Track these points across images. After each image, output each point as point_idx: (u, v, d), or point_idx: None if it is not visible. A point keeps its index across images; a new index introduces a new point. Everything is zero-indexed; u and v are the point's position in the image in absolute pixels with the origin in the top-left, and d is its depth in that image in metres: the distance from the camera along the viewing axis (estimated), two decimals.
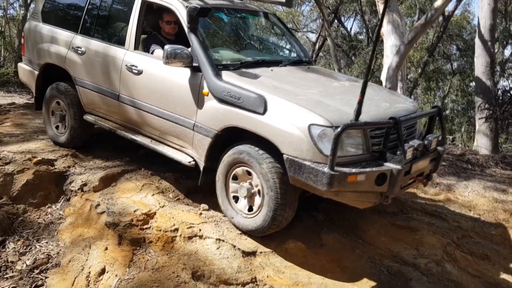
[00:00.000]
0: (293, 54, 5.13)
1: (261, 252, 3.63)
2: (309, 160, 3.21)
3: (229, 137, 3.76)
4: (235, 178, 3.73)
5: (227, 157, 3.71)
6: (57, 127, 5.29)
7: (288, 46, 5.35)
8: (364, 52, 18.79)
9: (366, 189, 3.25)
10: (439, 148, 3.83)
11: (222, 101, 3.67)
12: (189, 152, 4.03)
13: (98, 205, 3.89)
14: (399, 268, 3.63)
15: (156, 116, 4.19)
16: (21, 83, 10.52)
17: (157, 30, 4.67)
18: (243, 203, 3.73)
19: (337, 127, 3.11)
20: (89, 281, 3.32)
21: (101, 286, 3.25)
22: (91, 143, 5.37)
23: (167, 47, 3.73)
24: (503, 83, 15.40)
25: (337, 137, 3.02)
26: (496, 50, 15.59)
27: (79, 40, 4.90)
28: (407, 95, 12.37)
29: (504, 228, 4.65)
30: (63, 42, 5.04)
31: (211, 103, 3.76)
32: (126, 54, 4.43)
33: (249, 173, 3.61)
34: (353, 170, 3.13)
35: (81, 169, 4.68)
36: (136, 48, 4.43)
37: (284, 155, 3.32)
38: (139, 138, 4.41)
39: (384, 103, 3.97)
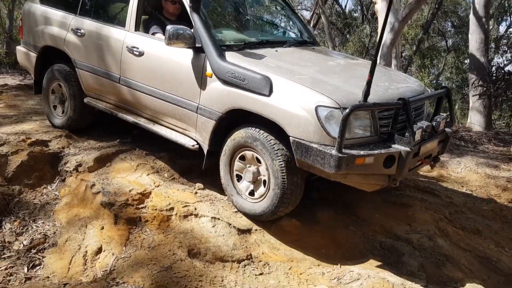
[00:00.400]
0: (297, 35, 5.04)
1: (256, 230, 3.67)
2: (316, 142, 3.15)
3: (233, 119, 3.69)
4: (242, 158, 3.66)
5: (232, 139, 3.64)
6: (56, 110, 5.24)
7: (291, 26, 5.27)
8: (358, 30, 18.66)
9: (374, 171, 3.20)
10: (447, 129, 3.78)
11: (226, 82, 3.59)
12: (193, 135, 3.97)
13: (94, 185, 3.91)
14: (392, 243, 3.69)
15: (158, 98, 4.11)
16: (13, 64, 10.43)
17: (159, 10, 4.55)
18: (245, 185, 3.69)
19: (344, 108, 3.06)
20: (86, 259, 3.36)
21: (98, 264, 3.29)
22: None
23: (169, 27, 3.64)
24: (498, 59, 15.39)
25: (345, 118, 2.96)
26: (491, 27, 15.53)
27: (78, 21, 4.80)
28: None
29: (496, 203, 4.72)
30: (62, 24, 4.94)
31: (215, 84, 3.68)
32: (126, 36, 4.34)
33: (259, 160, 3.53)
34: (361, 153, 3.08)
35: (76, 150, 4.68)
36: (137, 29, 4.35)
37: (290, 138, 3.25)
38: (141, 121, 4.34)
39: (392, 83, 3.91)
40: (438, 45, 19.67)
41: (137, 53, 4.20)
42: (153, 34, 4.28)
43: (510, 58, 12.37)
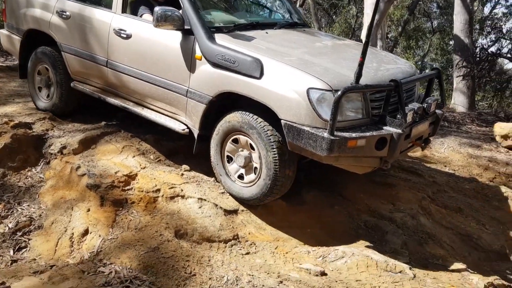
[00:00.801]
0: (287, 16, 4.96)
1: (242, 210, 3.71)
2: (308, 125, 3.12)
3: (224, 102, 3.65)
4: (235, 141, 3.61)
5: (227, 121, 3.58)
6: (42, 93, 5.12)
7: (281, 8, 5.20)
8: (345, 10, 18.59)
9: (366, 154, 3.20)
10: (438, 111, 3.78)
11: (216, 65, 3.53)
12: (183, 120, 3.90)
13: (79, 167, 3.88)
14: (376, 222, 3.76)
15: (147, 82, 4.03)
16: None
17: None
18: (235, 167, 3.66)
19: (336, 90, 3.04)
20: (73, 241, 3.37)
21: (84, 246, 3.30)
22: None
23: (157, 8, 3.55)
24: (482, 41, 15.50)
25: (337, 101, 2.93)
26: (475, 8, 15.60)
27: (63, 3, 4.67)
28: None
29: (478, 182, 4.82)
30: (46, 6, 4.79)
31: (204, 67, 3.61)
32: (113, 18, 4.24)
33: (252, 147, 3.49)
34: (353, 135, 3.08)
35: (60, 132, 4.63)
36: (124, 11, 4.24)
37: (282, 121, 3.22)
38: (130, 106, 4.27)
39: (382, 65, 3.89)
40: (424, 26, 19.73)
41: (125, 36, 4.11)
42: (142, 15, 4.18)
43: (493, 39, 12.47)
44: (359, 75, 3.05)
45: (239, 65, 3.39)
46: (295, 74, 3.23)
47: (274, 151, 3.33)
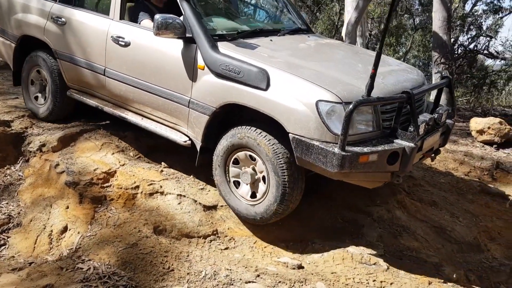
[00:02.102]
0: (290, 22, 4.78)
1: (222, 206, 3.75)
2: (317, 139, 2.98)
3: (228, 114, 3.53)
4: (236, 162, 3.47)
5: (225, 141, 3.44)
6: (36, 98, 4.93)
7: (284, 13, 5.03)
8: (328, 8, 18.69)
9: (377, 169, 3.06)
10: (449, 121, 3.66)
11: (219, 75, 3.38)
12: (184, 131, 3.76)
13: (58, 165, 3.89)
14: (353, 216, 3.84)
15: (146, 92, 3.88)
16: None
17: None
18: (245, 189, 3.49)
19: (346, 103, 2.93)
20: (52, 239, 3.39)
21: (63, 243, 3.32)
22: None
23: (157, 16, 3.40)
24: (463, 37, 15.72)
25: (348, 115, 2.80)
26: (456, 5, 15.82)
27: (59, 9, 4.51)
28: None
29: (453, 176, 4.93)
30: (41, 12, 4.63)
31: (207, 77, 3.47)
32: (111, 25, 4.09)
33: (253, 158, 3.36)
34: (365, 150, 2.94)
35: (39, 130, 4.61)
36: (122, 17, 4.09)
37: (290, 134, 3.07)
38: (129, 116, 4.13)
39: (393, 74, 3.68)
40: (406, 23, 19.92)
41: (123, 44, 3.96)
42: (141, 21, 4.03)
43: (471, 36, 12.69)
44: (370, 87, 2.92)
45: (244, 76, 3.25)
46: (303, 86, 3.09)
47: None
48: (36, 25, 4.67)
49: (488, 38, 10.12)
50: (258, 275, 3.05)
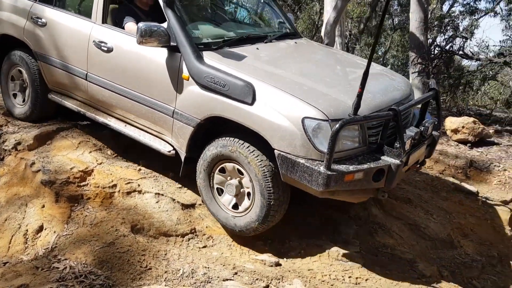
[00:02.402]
0: (277, 26, 4.63)
1: (200, 204, 3.76)
2: (303, 156, 2.95)
3: (213, 125, 3.44)
4: (222, 171, 3.41)
5: (210, 151, 3.37)
6: (14, 96, 4.77)
7: (270, 16, 4.86)
8: (308, 7, 18.79)
9: (363, 186, 3.03)
10: (435, 133, 3.64)
11: (205, 87, 3.29)
12: (169, 140, 3.67)
13: (33, 163, 3.84)
14: (330, 214, 3.89)
15: (130, 99, 3.77)
16: None
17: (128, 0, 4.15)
18: (228, 198, 3.45)
19: (333, 120, 2.90)
20: (27, 238, 3.35)
21: (39, 243, 3.28)
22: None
23: (140, 24, 3.27)
24: (440, 38, 15.99)
25: (334, 135, 2.76)
26: (434, 6, 16.09)
27: (39, 9, 4.33)
28: (346, 51, 12.63)
29: (428, 175, 5.03)
30: (20, 11, 4.45)
31: (192, 88, 3.37)
32: (93, 28, 3.93)
33: (240, 172, 3.29)
34: (351, 168, 2.90)
35: (14, 128, 4.54)
36: (104, 21, 3.93)
37: (275, 151, 3.02)
38: (112, 123, 4.02)
39: (380, 86, 3.58)
40: (385, 23, 20.18)
41: (105, 49, 3.82)
42: (125, 24, 3.89)
43: (448, 36, 12.92)
44: (357, 106, 2.89)
45: (229, 89, 3.17)
46: (289, 101, 3.03)
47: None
48: (16, 24, 4.49)
49: (464, 39, 10.31)
50: (236, 273, 3.07)
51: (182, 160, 3.56)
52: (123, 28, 3.87)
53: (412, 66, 8.09)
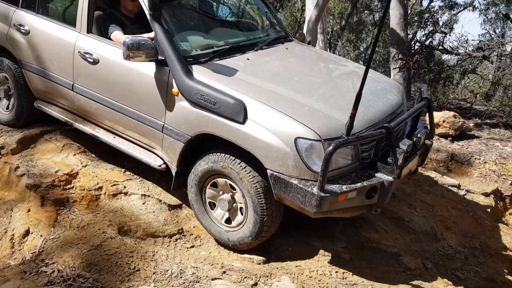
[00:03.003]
0: (267, 30, 4.48)
1: (187, 205, 3.77)
2: (296, 177, 2.91)
3: (205, 140, 3.35)
4: (214, 185, 3.37)
5: (201, 166, 3.31)
6: (1, 103, 4.66)
7: (259, 17, 4.67)
8: (290, 4, 18.84)
9: (356, 204, 3.03)
10: (427, 141, 3.61)
11: (195, 104, 3.21)
12: (159, 153, 3.59)
13: (18, 167, 3.81)
14: None
15: (118, 112, 3.68)
16: None
17: (114, 7, 4.02)
18: (221, 212, 3.42)
19: (326, 139, 2.88)
20: (14, 243, 3.33)
21: (26, 247, 3.27)
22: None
23: (126, 39, 3.17)
24: (421, 33, 16.19)
25: (328, 157, 2.72)
26: (414, 1, 16.28)
27: (21, 15, 4.19)
28: (328, 47, 12.72)
29: None
30: (2, 17, 4.32)
31: (182, 104, 3.29)
32: (78, 38, 3.81)
33: (233, 187, 3.26)
34: (344, 188, 2.88)
35: None
36: (89, 30, 3.80)
37: (268, 171, 2.98)
38: (100, 134, 3.93)
39: (373, 98, 3.47)
40: (366, 19, 20.35)
41: (91, 61, 3.70)
42: (112, 33, 3.78)
43: (428, 32, 13.11)
44: (350, 127, 2.84)
45: (220, 107, 3.09)
46: (281, 121, 2.97)
47: (261, 197, 3.11)
48: None
49: (443, 34, 10.46)
50: (224, 272, 3.10)
51: (173, 174, 3.51)
52: (109, 37, 3.77)
53: (393, 62, 8.21)
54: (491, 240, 4.18)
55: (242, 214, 3.30)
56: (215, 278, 3.00)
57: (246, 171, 3.11)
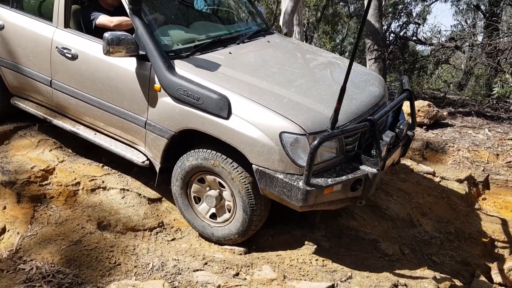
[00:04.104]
0: (249, 22, 4.44)
1: (167, 198, 3.77)
2: (282, 171, 2.92)
3: (189, 135, 3.31)
4: (201, 181, 3.35)
5: (190, 162, 3.26)
6: None
7: (240, 10, 4.69)
8: None
9: (341, 196, 3.05)
10: (409, 133, 3.68)
11: (178, 99, 3.16)
12: (142, 149, 3.54)
13: None
14: None
15: (98, 108, 3.61)
16: None
17: (91, 0, 3.96)
18: (205, 207, 3.41)
19: (310, 133, 2.89)
20: None
21: (2, 245, 3.21)
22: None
23: (106, 34, 3.09)
24: (395, 24, 16.38)
25: (313, 151, 2.73)
26: None
27: None
28: (304, 39, 12.78)
29: None
30: None
31: (165, 100, 3.24)
32: (55, 33, 3.71)
33: (222, 185, 3.25)
34: (329, 181, 2.90)
35: None
36: (67, 25, 3.70)
37: (253, 166, 2.97)
38: (81, 131, 3.85)
39: (356, 91, 3.49)
40: (341, 11, 20.48)
41: (70, 56, 3.61)
42: (96, 18, 3.71)
43: (402, 23, 13.31)
44: (334, 120, 2.85)
45: (203, 103, 3.06)
46: (266, 115, 2.96)
47: (251, 198, 3.12)
48: None
49: (417, 25, 10.65)
50: (206, 263, 3.11)
51: (157, 170, 3.47)
52: (93, 26, 3.70)
53: (369, 52, 8.31)
54: (465, 225, 4.29)
55: (229, 212, 3.30)
56: (197, 270, 3.01)
57: (238, 171, 3.10)
